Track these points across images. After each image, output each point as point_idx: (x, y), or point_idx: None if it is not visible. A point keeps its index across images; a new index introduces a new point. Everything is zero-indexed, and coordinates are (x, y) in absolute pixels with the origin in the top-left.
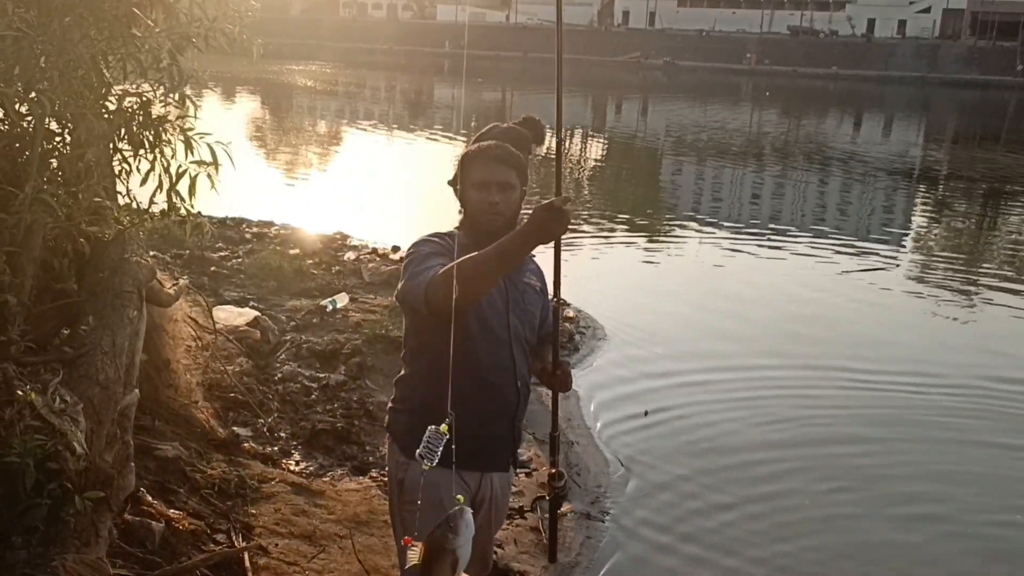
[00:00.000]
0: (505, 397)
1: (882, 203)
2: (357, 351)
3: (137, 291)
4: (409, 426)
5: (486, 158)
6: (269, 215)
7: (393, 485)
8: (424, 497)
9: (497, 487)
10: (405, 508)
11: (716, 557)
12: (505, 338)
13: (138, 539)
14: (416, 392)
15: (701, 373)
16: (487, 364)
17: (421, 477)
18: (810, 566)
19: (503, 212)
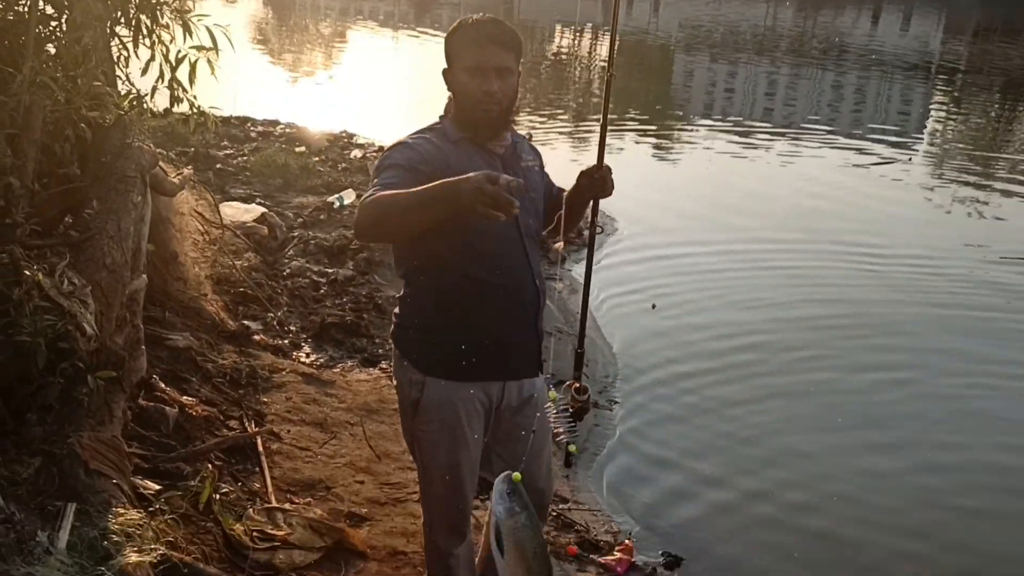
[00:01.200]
0: (523, 299)
1: (899, 99)
2: (365, 246)
3: (140, 176)
4: (423, 343)
5: (481, 39)
6: (274, 114)
7: (406, 404)
8: (442, 416)
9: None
10: (420, 428)
11: (720, 447)
12: (515, 236)
13: (152, 423)
14: (425, 310)
15: (711, 267)
16: (500, 267)
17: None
18: (808, 455)
19: (500, 101)
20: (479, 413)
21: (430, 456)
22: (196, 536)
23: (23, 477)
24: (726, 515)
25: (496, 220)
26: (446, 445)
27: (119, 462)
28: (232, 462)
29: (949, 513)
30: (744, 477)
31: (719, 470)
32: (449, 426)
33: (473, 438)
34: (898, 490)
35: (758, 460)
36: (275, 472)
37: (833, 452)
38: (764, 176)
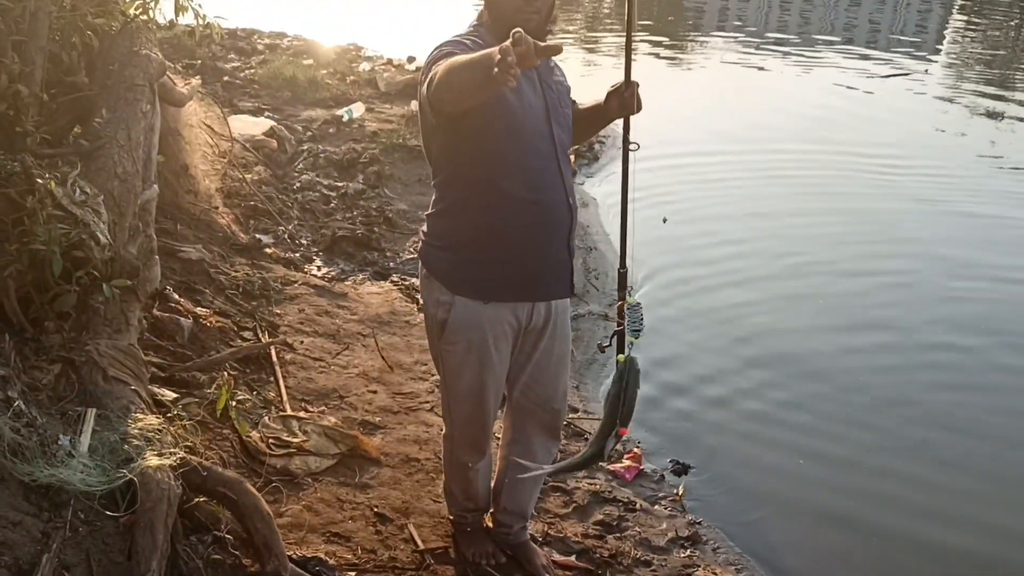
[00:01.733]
0: (557, 215)
1: (917, 7)
2: (375, 160)
3: (149, 85)
4: (453, 262)
5: None
6: (281, 26)
7: (432, 324)
8: (469, 337)
9: (555, 313)
10: (446, 348)
11: (728, 356)
12: (550, 151)
13: (168, 333)
14: (458, 225)
15: (722, 177)
16: (534, 183)
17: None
18: (816, 362)
19: (539, 10)
20: (506, 335)
21: (455, 376)
22: (213, 442)
23: (43, 383)
24: (733, 423)
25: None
26: (472, 366)
27: (136, 369)
28: (247, 372)
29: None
30: (751, 386)
31: (727, 380)
32: (476, 347)
33: (499, 359)
34: (903, 401)
35: (766, 368)
36: (289, 382)
37: (841, 358)
38: (778, 88)
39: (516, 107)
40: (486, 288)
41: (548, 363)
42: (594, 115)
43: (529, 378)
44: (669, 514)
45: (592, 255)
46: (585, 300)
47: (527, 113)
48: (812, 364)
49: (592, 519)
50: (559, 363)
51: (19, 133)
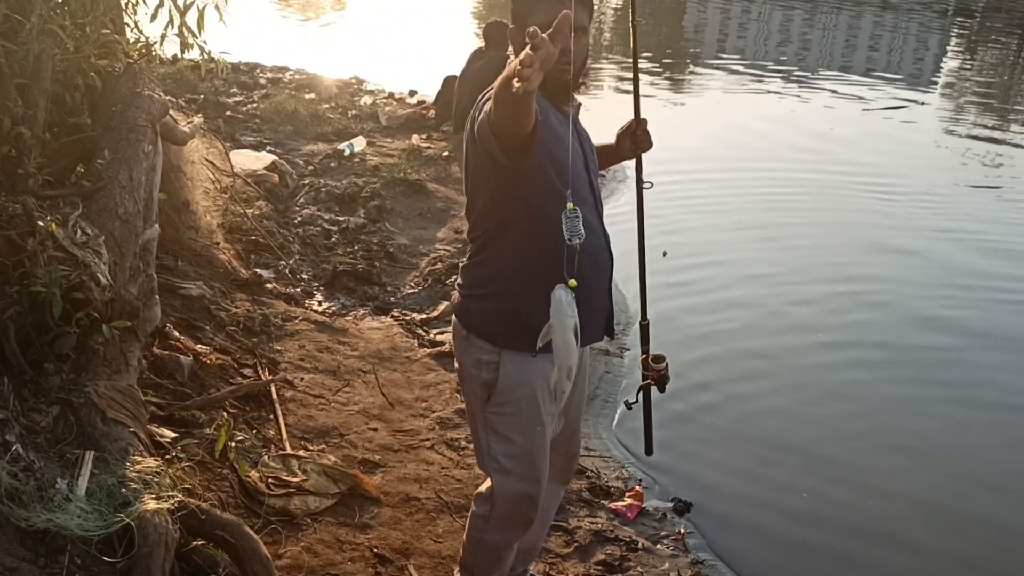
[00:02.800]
0: (601, 264)
1: (914, 41)
2: (376, 194)
3: (151, 125)
4: (497, 313)
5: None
6: (284, 60)
7: (475, 387)
8: (520, 396)
9: (586, 358)
10: (495, 413)
11: (731, 392)
12: (591, 199)
13: (168, 371)
14: (503, 271)
15: (722, 208)
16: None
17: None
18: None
19: (572, 60)
20: (548, 389)
21: (506, 443)
22: (212, 483)
23: (42, 425)
24: (736, 463)
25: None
26: (525, 427)
27: (135, 410)
28: (247, 409)
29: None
30: (754, 424)
31: (729, 416)
32: (527, 406)
33: (547, 413)
34: (906, 437)
35: (769, 405)
36: (289, 419)
37: (847, 396)
38: (776, 118)
39: (563, 152)
40: (533, 339)
41: (573, 409)
42: (604, 155)
43: (562, 423)
44: (671, 553)
45: None
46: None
47: (572, 159)
48: (817, 400)
49: (594, 559)
50: (581, 407)
51: (21, 175)
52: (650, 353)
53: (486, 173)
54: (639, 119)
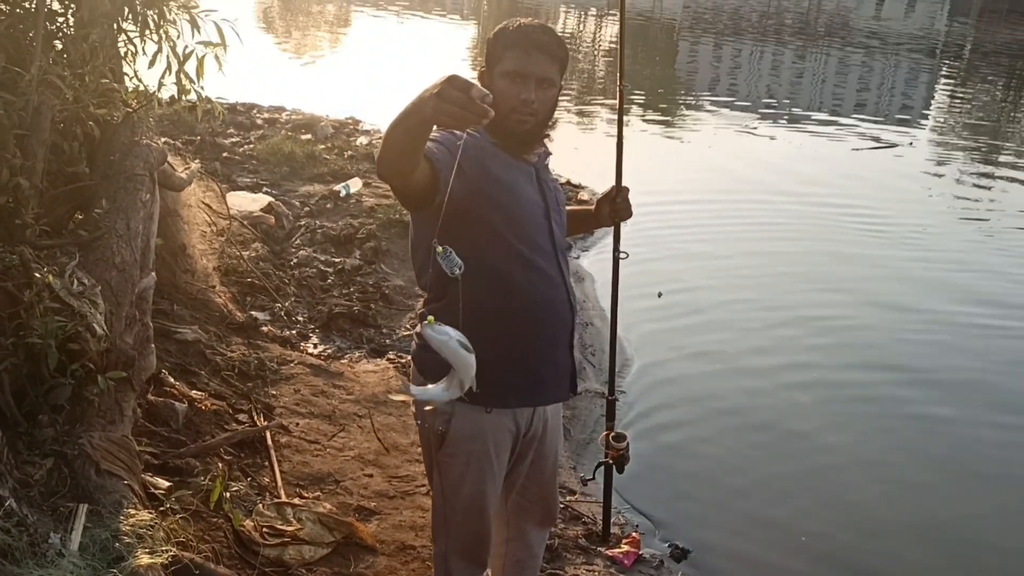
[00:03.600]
0: (559, 316)
1: (904, 81)
2: (372, 235)
3: (149, 174)
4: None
5: (527, 44)
6: (280, 100)
7: (430, 435)
8: (470, 449)
9: (549, 416)
10: (445, 460)
11: (726, 436)
12: (550, 248)
13: (162, 419)
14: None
15: (714, 253)
16: (536, 281)
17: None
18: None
19: (536, 112)
20: (507, 443)
21: (455, 489)
22: (207, 533)
23: (35, 478)
24: (733, 506)
25: (460, 125)
26: (473, 478)
27: (130, 462)
28: (242, 456)
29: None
30: (751, 469)
31: (725, 461)
32: (477, 459)
33: (499, 467)
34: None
35: (764, 450)
36: (284, 466)
37: (842, 437)
38: (767, 159)
39: (513, 202)
40: (487, 394)
41: (545, 463)
42: (581, 220)
43: (526, 480)
44: None
45: (588, 331)
46: (581, 377)
47: (526, 209)
48: (813, 441)
49: None
50: (554, 459)
51: (19, 225)
52: (613, 430)
53: (422, 217)
54: (620, 186)
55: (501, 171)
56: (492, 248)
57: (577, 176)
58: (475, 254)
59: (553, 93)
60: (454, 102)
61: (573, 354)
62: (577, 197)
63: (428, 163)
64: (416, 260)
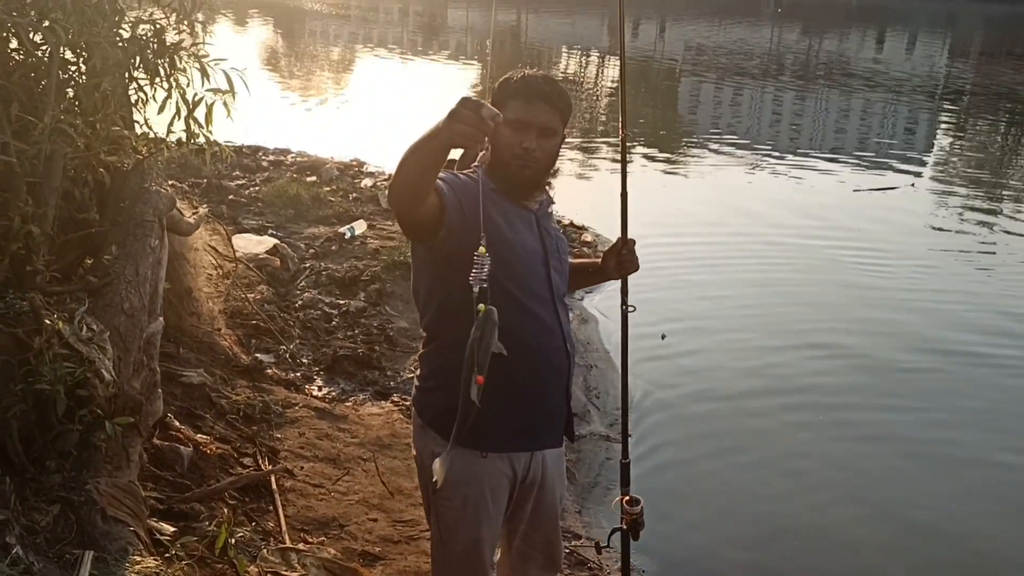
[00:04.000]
0: (555, 363)
1: (904, 122)
2: (376, 277)
3: (158, 220)
4: (444, 409)
5: (530, 94)
6: (285, 143)
7: (427, 477)
8: (466, 492)
9: (550, 463)
10: (441, 503)
11: (731, 480)
12: (547, 295)
13: (168, 463)
14: (451, 364)
15: (717, 294)
16: (532, 327)
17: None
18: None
19: (538, 160)
20: (504, 488)
21: (450, 532)
22: None
23: (42, 525)
24: (738, 551)
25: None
26: (469, 522)
27: (136, 507)
28: (246, 500)
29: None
30: (756, 513)
31: (730, 504)
32: (473, 503)
33: (496, 512)
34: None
35: (768, 496)
36: (289, 510)
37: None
38: (769, 200)
39: (510, 245)
40: (483, 437)
41: (547, 510)
42: (588, 273)
43: (528, 526)
44: None
45: (592, 373)
46: (586, 420)
47: (523, 254)
48: (815, 482)
49: None
50: (557, 505)
51: (30, 272)
52: (628, 494)
53: (421, 256)
54: (626, 239)
55: (500, 216)
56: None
57: (580, 218)
58: (471, 296)
59: (555, 142)
60: (466, 120)
61: (569, 401)
62: (580, 239)
63: (437, 195)
64: (418, 300)
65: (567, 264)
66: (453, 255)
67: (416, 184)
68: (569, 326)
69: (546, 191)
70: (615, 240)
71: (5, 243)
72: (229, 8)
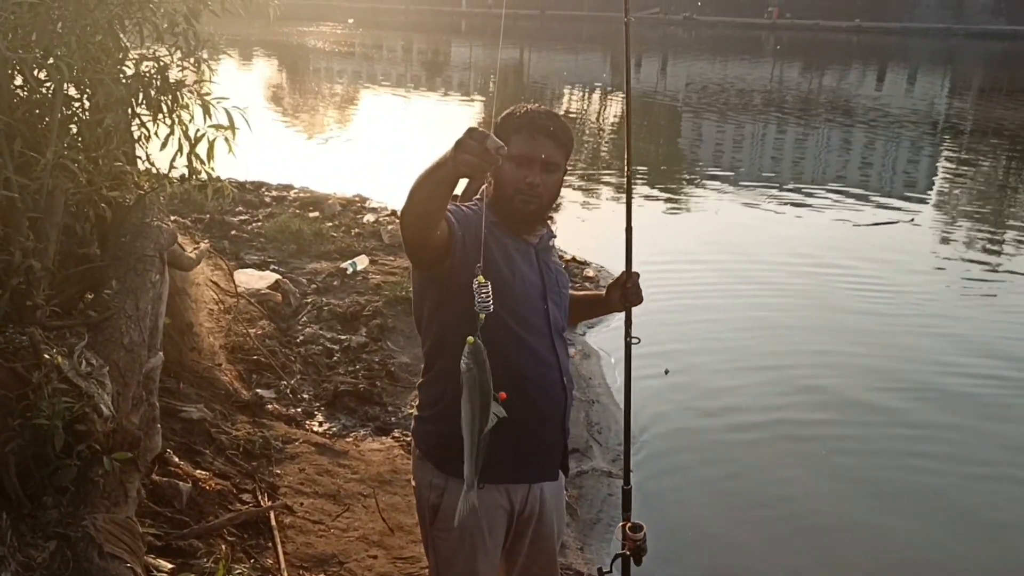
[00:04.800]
0: (551, 396)
1: (905, 158)
2: (378, 313)
3: (159, 255)
4: (441, 438)
5: (533, 129)
6: (288, 178)
7: (425, 509)
8: (463, 524)
9: (548, 497)
10: (438, 535)
11: (736, 513)
12: (544, 328)
13: (166, 499)
14: (446, 395)
15: (720, 329)
16: (528, 360)
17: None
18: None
19: (541, 195)
20: (501, 520)
21: (447, 565)
22: None
23: (38, 561)
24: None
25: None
26: (466, 554)
27: (133, 544)
28: (245, 537)
29: None
30: (757, 540)
31: (736, 537)
32: (470, 535)
33: (493, 545)
34: None
35: (771, 521)
36: (288, 547)
37: (851, 515)
38: (771, 235)
39: (509, 278)
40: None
41: (545, 544)
42: (591, 305)
43: (527, 560)
44: None
45: (595, 408)
46: (588, 456)
47: (522, 286)
48: (825, 518)
49: None
50: (555, 539)
51: (30, 306)
52: (630, 520)
53: (422, 284)
54: (630, 271)
55: (499, 249)
56: (486, 324)
57: (583, 252)
58: (468, 328)
59: (558, 177)
60: (471, 152)
61: (566, 435)
62: (583, 273)
63: (447, 224)
64: (420, 326)
65: (567, 298)
66: (454, 284)
67: (427, 212)
68: (567, 360)
69: (547, 224)
70: (619, 274)
71: (6, 278)
72: (234, 46)
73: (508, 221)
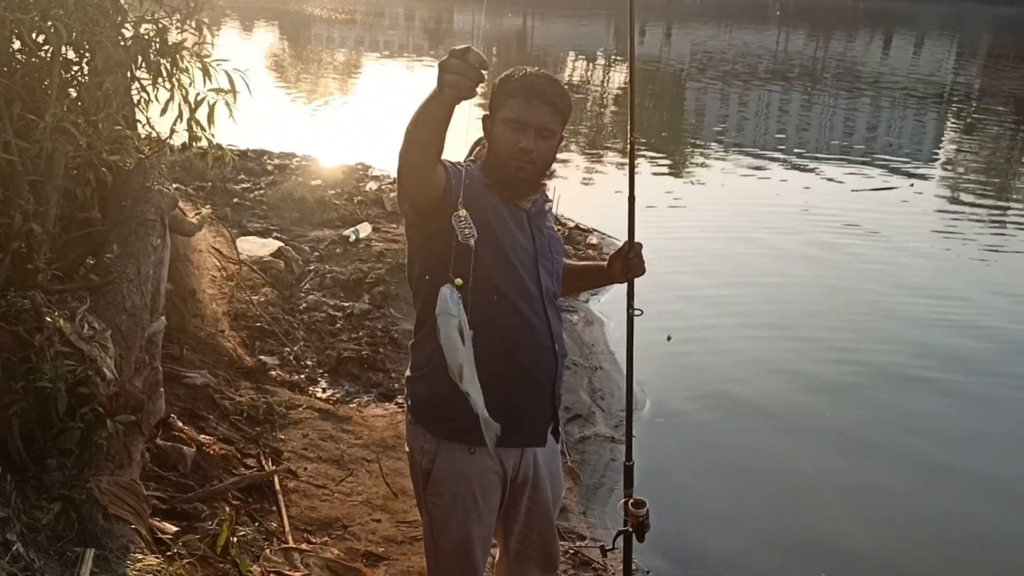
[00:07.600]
0: (542, 362)
1: (912, 124)
2: (381, 280)
3: (160, 219)
4: (431, 397)
5: (529, 94)
6: (290, 147)
7: (417, 473)
8: (455, 489)
9: (542, 462)
10: (431, 500)
11: (735, 478)
12: (536, 293)
13: (170, 463)
14: (437, 353)
15: (724, 297)
16: (519, 325)
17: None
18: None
19: (535, 161)
20: (494, 485)
21: (440, 529)
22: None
23: (43, 523)
24: (742, 552)
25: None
26: (459, 519)
27: (137, 506)
28: (249, 501)
29: None
30: (760, 516)
31: (735, 504)
32: (462, 500)
33: (487, 510)
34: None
35: (773, 492)
36: (292, 511)
37: (859, 490)
38: (776, 204)
39: (499, 243)
40: (470, 431)
41: (542, 510)
42: (593, 275)
43: (523, 526)
44: None
45: (597, 374)
46: (591, 421)
47: (514, 250)
48: (827, 492)
49: None
50: (553, 504)
51: (31, 270)
52: (632, 496)
53: (415, 239)
54: (633, 242)
55: (491, 211)
56: (476, 287)
57: (586, 220)
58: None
59: (553, 144)
60: (453, 70)
61: (556, 401)
62: (586, 241)
63: (443, 168)
64: (411, 285)
65: (560, 265)
66: (442, 237)
67: (424, 152)
68: (560, 326)
69: (542, 190)
70: (621, 243)
71: (7, 241)
72: (235, 13)
73: (500, 185)
